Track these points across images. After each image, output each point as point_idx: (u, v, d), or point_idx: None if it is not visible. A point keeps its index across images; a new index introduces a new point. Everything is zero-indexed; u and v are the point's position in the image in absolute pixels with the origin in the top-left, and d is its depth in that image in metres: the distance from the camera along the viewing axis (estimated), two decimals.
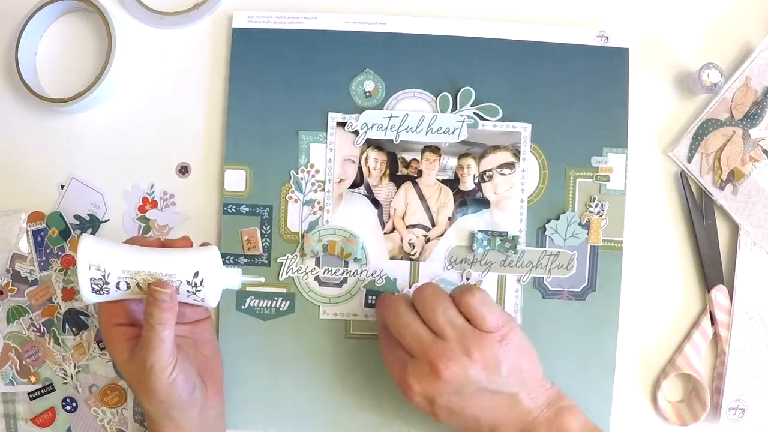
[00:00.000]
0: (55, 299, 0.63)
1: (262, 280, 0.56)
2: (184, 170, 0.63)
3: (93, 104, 0.63)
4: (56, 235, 0.63)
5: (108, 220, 0.63)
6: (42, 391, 0.63)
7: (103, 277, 0.50)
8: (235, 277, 0.54)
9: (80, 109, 0.63)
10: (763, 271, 0.61)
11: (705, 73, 0.60)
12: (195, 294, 0.52)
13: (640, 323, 0.62)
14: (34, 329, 0.63)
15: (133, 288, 0.52)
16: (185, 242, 0.54)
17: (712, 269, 0.62)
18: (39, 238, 0.63)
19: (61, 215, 0.63)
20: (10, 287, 0.63)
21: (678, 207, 0.63)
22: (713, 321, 0.61)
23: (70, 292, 0.63)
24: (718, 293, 0.61)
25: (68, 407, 0.63)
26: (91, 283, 0.51)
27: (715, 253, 0.62)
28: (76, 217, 0.63)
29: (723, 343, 0.61)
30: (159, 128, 0.63)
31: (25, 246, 0.63)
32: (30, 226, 0.63)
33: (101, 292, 0.51)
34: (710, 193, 0.62)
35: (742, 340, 0.61)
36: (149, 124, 0.63)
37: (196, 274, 0.51)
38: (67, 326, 0.63)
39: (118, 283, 0.51)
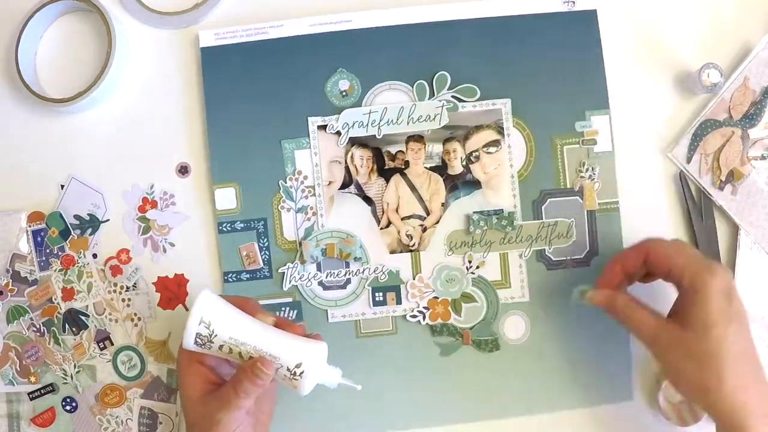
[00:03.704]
0: (55, 299, 0.63)
1: (359, 388, 0.54)
2: (184, 170, 0.63)
3: (93, 104, 0.63)
4: (56, 235, 0.63)
5: (108, 220, 0.63)
6: (42, 391, 0.63)
7: (209, 336, 0.51)
8: (333, 377, 0.54)
9: (80, 109, 0.63)
10: (763, 271, 0.61)
11: (705, 73, 0.60)
12: (290, 380, 0.52)
13: None
14: (34, 329, 0.63)
15: (234, 354, 0.52)
16: (299, 330, 0.54)
17: None
18: (39, 238, 0.63)
19: (61, 215, 0.63)
20: (10, 287, 0.63)
21: (677, 208, 0.63)
22: None
23: (70, 292, 0.63)
24: None
25: (68, 407, 0.63)
26: (196, 337, 0.51)
27: (715, 253, 0.62)
28: (76, 217, 0.63)
29: None
30: (159, 128, 0.63)
31: (25, 246, 0.63)
32: (30, 226, 0.63)
33: (202, 346, 0.52)
34: (709, 194, 0.62)
35: None
36: (149, 124, 0.63)
37: (299, 365, 0.52)
38: (67, 326, 0.63)
39: (221, 346, 0.51)
